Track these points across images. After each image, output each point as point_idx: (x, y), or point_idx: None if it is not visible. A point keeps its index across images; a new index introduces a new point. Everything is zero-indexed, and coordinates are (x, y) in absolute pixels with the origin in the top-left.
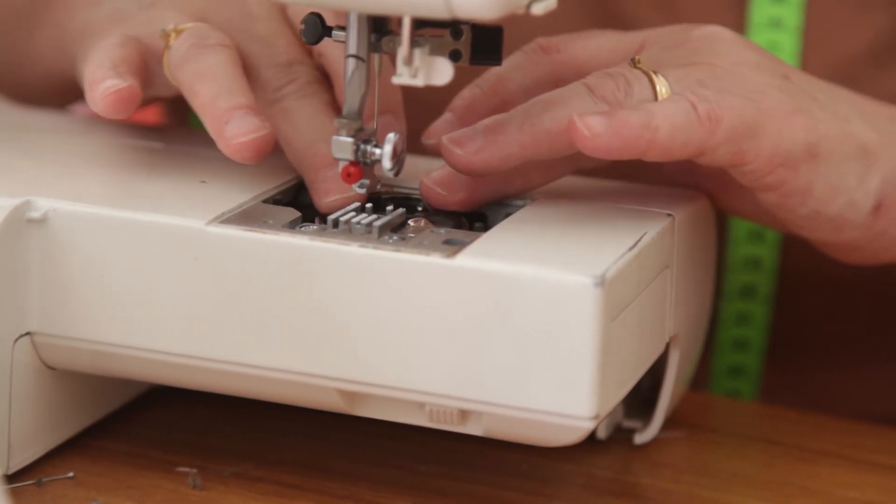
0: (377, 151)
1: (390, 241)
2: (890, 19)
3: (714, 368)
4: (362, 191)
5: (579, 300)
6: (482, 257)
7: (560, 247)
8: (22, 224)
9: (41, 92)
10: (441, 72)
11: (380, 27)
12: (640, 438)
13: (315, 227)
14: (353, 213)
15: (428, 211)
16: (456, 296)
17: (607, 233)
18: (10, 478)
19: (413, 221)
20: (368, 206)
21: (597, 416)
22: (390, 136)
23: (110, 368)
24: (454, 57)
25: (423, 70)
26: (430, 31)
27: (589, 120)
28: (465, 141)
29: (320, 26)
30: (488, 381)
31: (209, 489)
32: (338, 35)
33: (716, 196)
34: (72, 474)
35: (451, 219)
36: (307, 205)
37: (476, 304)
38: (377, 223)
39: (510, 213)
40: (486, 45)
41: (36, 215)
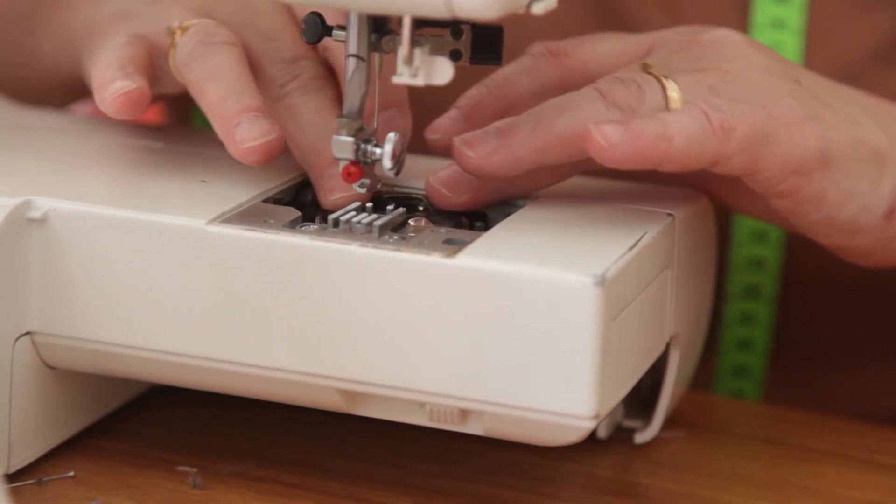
0: (377, 151)
1: (390, 240)
2: (893, 19)
3: (718, 369)
4: (363, 190)
5: (579, 300)
6: (482, 257)
7: (560, 246)
8: (22, 223)
9: (44, 91)
10: (441, 71)
11: (380, 27)
12: (641, 438)
13: (315, 226)
14: (354, 213)
15: (428, 210)
16: (456, 295)
17: (607, 233)
18: (11, 477)
19: (413, 221)
20: (369, 205)
21: (597, 416)
22: (391, 136)
23: (110, 368)
24: (454, 56)
25: (424, 69)
26: (431, 30)
27: (605, 129)
28: (477, 143)
29: (321, 26)
30: (488, 381)
31: (209, 488)
32: (338, 34)
33: (728, 199)
34: (72, 474)
35: (452, 218)
36: (307, 204)
37: (476, 304)
38: (377, 223)
39: (510, 212)
40: (487, 44)
41: (36, 215)
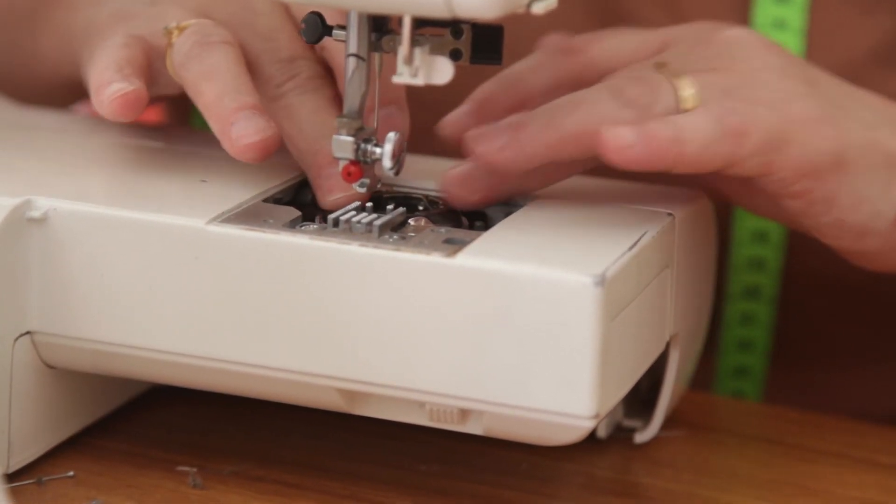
0: (377, 151)
1: (390, 240)
2: (894, 20)
3: (719, 369)
4: (363, 190)
5: (579, 299)
6: (482, 256)
7: (560, 246)
8: (22, 223)
9: (44, 91)
10: (441, 71)
11: (380, 26)
12: (641, 438)
13: (315, 226)
14: (354, 213)
15: (428, 210)
16: (456, 295)
17: (607, 232)
18: (11, 477)
19: (413, 221)
20: (369, 205)
21: (597, 416)
22: (390, 136)
23: (110, 368)
24: (454, 56)
25: (424, 69)
26: (431, 30)
27: (619, 131)
28: (489, 137)
29: (321, 25)
30: (488, 381)
31: (209, 488)
32: (338, 34)
33: (737, 198)
34: (72, 473)
35: (452, 218)
36: (307, 204)
37: (476, 304)
38: (377, 222)
39: (510, 212)
40: (487, 44)
41: (36, 214)
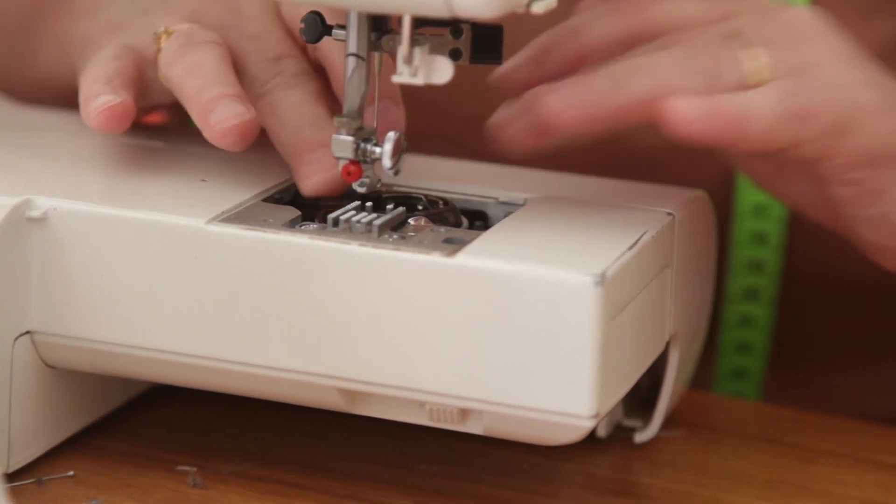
0: (377, 150)
1: (390, 239)
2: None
3: (717, 371)
4: (363, 189)
5: (579, 299)
6: (482, 256)
7: (560, 246)
8: (22, 223)
9: (41, 100)
10: (441, 70)
11: (380, 26)
12: (641, 437)
13: (315, 225)
14: (353, 212)
15: (428, 210)
16: (456, 295)
17: (607, 232)
18: (11, 476)
19: (413, 220)
20: (368, 204)
21: (597, 415)
22: (390, 135)
23: (110, 367)
24: (454, 56)
25: (423, 69)
26: (431, 29)
27: (683, 103)
28: (553, 98)
29: (320, 25)
30: (488, 380)
31: (209, 488)
32: (338, 34)
33: (769, 182)
34: (72, 473)
35: (451, 218)
36: (307, 204)
37: (476, 303)
38: (377, 222)
39: (510, 212)
40: (487, 43)
41: (36, 214)
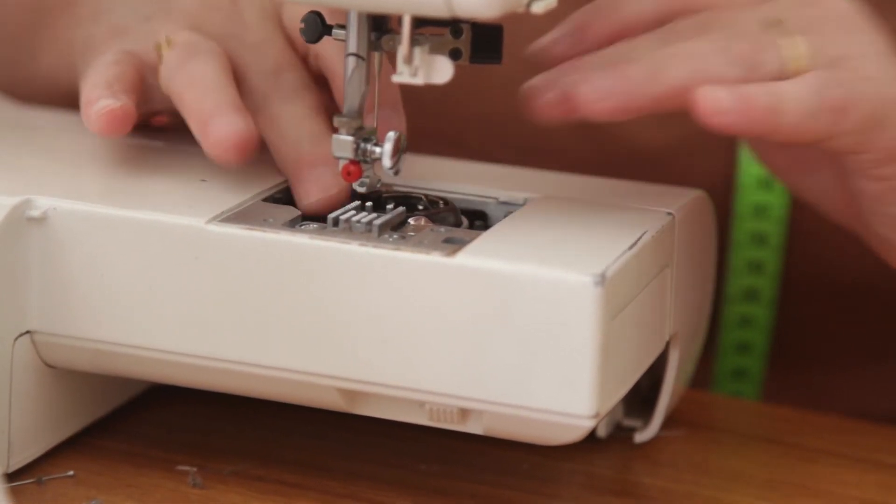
0: (377, 150)
1: (390, 239)
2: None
3: (717, 371)
4: (362, 189)
5: (579, 299)
6: (482, 256)
7: (560, 245)
8: (22, 223)
9: (46, 103)
10: (441, 70)
11: (380, 25)
12: (641, 437)
13: (315, 225)
14: (353, 212)
15: (428, 210)
16: (456, 294)
17: (607, 231)
18: (10, 476)
19: (413, 220)
20: (368, 204)
21: (597, 415)
22: (390, 135)
23: (110, 367)
24: (454, 55)
25: (423, 69)
26: (430, 29)
27: (716, 93)
28: (592, 85)
29: (320, 25)
30: (488, 380)
31: (209, 488)
32: (338, 33)
33: (786, 172)
34: (72, 473)
35: (451, 218)
36: None
37: (476, 303)
38: (377, 222)
39: (510, 212)
40: (487, 43)
41: (36, 214)
